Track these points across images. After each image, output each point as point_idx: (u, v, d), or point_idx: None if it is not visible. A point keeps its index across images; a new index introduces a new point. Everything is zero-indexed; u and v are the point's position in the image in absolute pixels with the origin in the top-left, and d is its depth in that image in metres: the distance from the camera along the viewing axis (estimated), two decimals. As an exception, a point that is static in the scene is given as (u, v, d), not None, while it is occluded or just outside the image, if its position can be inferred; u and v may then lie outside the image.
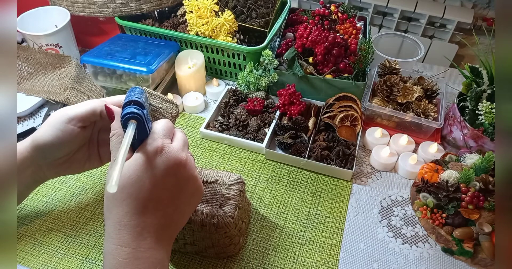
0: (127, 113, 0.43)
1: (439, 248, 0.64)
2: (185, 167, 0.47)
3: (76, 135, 0.55)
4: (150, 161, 0.44)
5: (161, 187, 0.45)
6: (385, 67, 0.85)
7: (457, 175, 0.65)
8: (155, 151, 0.44)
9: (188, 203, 0.49)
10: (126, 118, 0.43)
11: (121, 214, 0.43)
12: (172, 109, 0.56)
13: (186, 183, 0.47)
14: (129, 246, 0.43)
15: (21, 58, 0.89)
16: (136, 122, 0.43)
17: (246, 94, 0.88)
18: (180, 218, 0.48)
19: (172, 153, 0.45)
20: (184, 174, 0.47)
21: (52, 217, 0.67)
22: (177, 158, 0.45)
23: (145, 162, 0.44)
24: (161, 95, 0.57)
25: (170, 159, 0.45)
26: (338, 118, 0.79)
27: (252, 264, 0.62)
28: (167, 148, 0.45)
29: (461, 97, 0.78)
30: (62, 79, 0.89)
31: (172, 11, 1.00)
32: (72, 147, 0.57)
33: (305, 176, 0.75)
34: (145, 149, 0.44)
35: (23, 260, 0.62)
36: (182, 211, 0.48)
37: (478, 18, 1.55)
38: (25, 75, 0.89)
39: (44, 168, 0.57)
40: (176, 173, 0.46)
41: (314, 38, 0.79)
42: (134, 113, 0.43)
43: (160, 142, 0.45)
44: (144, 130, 0.45)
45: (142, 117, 0.43)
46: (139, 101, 0.44)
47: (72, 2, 0.91)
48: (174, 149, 0.46)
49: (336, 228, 0.67)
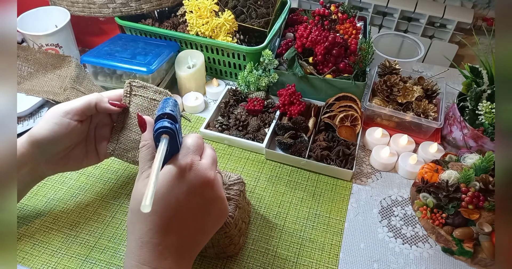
0: (160, 127, 0.42)
1: (439, 248, 0.64)
2: (212, 187, 0.46)
3: (73, 129, 0.56)
4: (178, 178, 0.43)
5: (187, 206, 0.44)
6: (385, 67, 0.85)
7: (457, 175, 0.65)
8: (184, 168, 0.44)
9: (212, 224, 0.48)
10: (159, 132, 0.42)
11: (145, 230, 0.42)
12: None
13: (212, 203, 0.46)
14: (150, 265, 0.42)
15: (21, 58, 0.89)
16: (169, 137, 0.43)
17: (246, 94, 0.88)
18: (202, 239, 0.47)
19: (201, 172, 0.45)
20: (211, 194, 0.46)
21: (52, 217, 0.67)
22: (205, 177, 0.45)
23: (173, 179, 0.43)
24: (155, 87, 0.59)
25: (198, 178, 0.44)
26: (338, 118, 0.78)
27: (252, 264, 0.62)
28: (196, 165, 0.45)
29: (461, 97, 0.78)
30: (62, 79, 0.89)
31: (172, 11, 1.00)
32: (69, 142, 0.57)
33: (305, 176, 0.75)
34: (175, 165, 0.44)
35: (23, 260, 0.62)
36: (205, 232, 0.47)
37: (478, 18, 1.55)
38: (25, 75, 0.89)
39: (42, 164, 0.57)
40: (203, 193, 0.45)
41: (314, 38, 0.79)
42: (168, 128, 0.42)
43: (189, 158, 0.45)
44: (175, 144, 0.44)
45: (175, 131, 0.43)
46: (172, 114, 0.44)
47: (72, 2, 0.91)
48: (203, 167, 0.45)
49: (336, 228, 0.67)
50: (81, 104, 0.55)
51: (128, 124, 0.60)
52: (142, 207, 0.36)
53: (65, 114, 0.55)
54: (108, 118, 0.62)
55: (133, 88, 0.60)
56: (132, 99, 0.60)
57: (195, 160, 0.45)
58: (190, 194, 0.44)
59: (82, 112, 0.56)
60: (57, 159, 0.58)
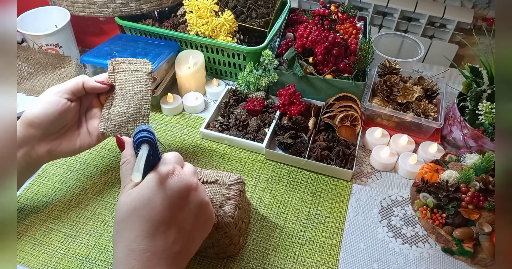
0: (140, 137, 0.44)
1: (439, 248, 0.64)
2: (196, 191, 0.46)
3: (63, 107, 0.59)
4: (162, 182, 0.44)
5: (173, 209, 0.44)
6: (385, 67, 0.85)
7: (457, 175, 0.65)
8: (167, 173, 0.45)
9: (200, 229, 0.48)
10: (140, 141, 0.44)
11: (131, 237, 0.42)
12: (146, 68, 0.65)
13: (198, 208, 0.47)
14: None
15: (21, 58, 0.89)
16: (149, 145, 0.44)
17: (246, 94, 0.88)
18: (191, 245, 0.47)
19: (184, 176, 0.46)
20: (195, 198, 0.46)
21: (52, 217, 0.67)
22: (188, 181, 0.46)
23: (157, 184, 0.44)
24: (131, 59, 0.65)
25: (182, 182, 0.45)
26: (338, 118, 0.79)
27: (252, 264, 0.62)
28: (178, 171, 0.46)
29: (461, 97, 0.78)
30: (62, 79, 0.89)
31: (172, 11, 1.00)
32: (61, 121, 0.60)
33: (305, 176, 0.75)
34: (157, 171, 0.45)
35: (23, 260, 0.62)
36: (193, 238, 0.47)
37: (478, 18, 1.55)
38: (25, 75, 0.89)
39: (36, 147, 0.59)
40: (188, 197, 0.45)
41: (314, 38, 0.79)
42: (147, 137, 0.44)
43: (171, 165, 0.46)
44: (156, 155, 0.46)
45: (154, 141, 0.45)
46: (149, 130, 0.46)
47: (72, 2, 0.91)
48: (185, 173, 0.46)
49: (336, 228, 0.67)
50: (70, 84, 0.60)
51: (116, 100, 0.64)
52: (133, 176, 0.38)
53: (55, 93, 0.59)
54: (97, 101, 0.66)
55: (116, 66, 0.65)
56: (116, 76, 0.64)
57: (177, 167, 0.47)
58: (175, 198, 0.44)
59: (71, 91, 0.60)
60: (51, 139, 0.60)
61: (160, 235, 0.43)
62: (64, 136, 0.62)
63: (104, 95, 0.66)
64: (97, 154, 0.78)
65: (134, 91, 0.64)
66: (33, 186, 0.72)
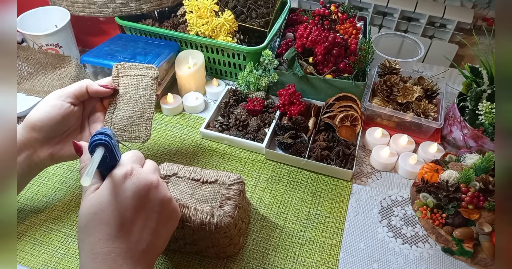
0: (94, 140, 0.43)
1: (439, 248, 0.64)
2: (157, 188, 0.46)
3: (66, 111, 0.58)
4: (119, 184, 0.43)
5: (133, 210, 0.44)
6: (385, 67, 0.85)
7: (457, 175, 0.65)
8: (125, 174, 0.44)
9: (164, 225, 0.47)
10: (94, 145, 0.43)
11: (94, 241, 0.42)
12: (152, 73, 0.65)
13: (160, 205, 0.46)
14: None
15: (21, 58, 0.89)
16: (104, 148, 0.43)
17: (246, 94, 0.88)
18: (157, 242, 0.47)
19: (142, 175, 0.45)
20: (156, 195, 0.46)
21: (52, 217, 0.67)
22: (147, 180, 0.45)
23: (115, 186, 0.43)
24: (137, 64, 0.65)
25: (141, 181, 0.44)
26: (338, 118, 0.78)
27: (252, 264, 0.62)
28: (136, 171, 0.45)
29: (461, 97, 0.78)
30: (62, 79, 0.89)
31: (172, 11, 1.00)
32: (64, 126, 0.59)
33: (305, 176, 0.75)
34: (114, 173, 0.44)
35: (23, 260, 0.62)
36: (158, 234, 0.47)
37: (478, 18, 1.55)
38: (25, 75, 0.89)
39: (38, 150, 0.59)
40: (148, 195, 0.45)
41: (314, 38, 0.79)
42: (102, 140, 0.43)
43: (129, 166, 0.45)
44: (113, 158, 0.45)
45: (110, 143, 0.44)
46: (105, 132, 0.45)
47: (72, 2, 0.91)
48: (144, 172, 0.46)
49: (336, 228, 0.67)
50: (74, 88, 0.60)
51: (120, 104, 0.64)
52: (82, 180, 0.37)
53: (58, 97, 0.59)
54: (101, 105, 0.65)
55: (120, 71, 0.65)
56: (121, 80, 0.64)
57: (135, 167, 0.46)
58: (135, 198, 0.44)
59: (74, 95, 0.59)
60: (53, 143, 0.60)
61: (123, 236, 0.43)
62: (67, 140, 0.61)
63: (107, 99, 0.65)
64: (97, 154, 0.78)
65: (139, 95, 0.64)
66: (33, 186, 0.72)
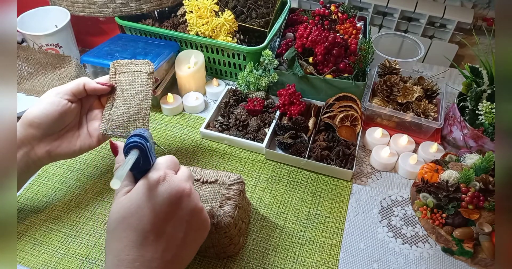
0: (130, 142, 0.43)
1: (439, 248, 0.64)
2: (189, 196, 0.45)
3: (64, 108, 0.59)
4: (151, 189, 0.42)
5: (163, 217, 0.42)
6: (385, 67, 0.85)
7: (457, 175, 0.65)
8: (157, 180, 0.43)
9: (193, 237, 0.46)
10: (129, 147, 0.43)
11: (120, 247, 0.41)
12: (147, 69, 0.65)
13: (191, 215, 0.45)
14: None
15: (21, 58, 0.89)
16: (138, 150, 0.43)
17: (246, 94, 0.88)
18: (184, 254, 0.46)
19: (175, 182, 0.44)
20: (188, 204, 0.44)
21: (52, 217, 0.67)
22: (180, 187, 0.44)
23: (147, 191, 0.42)
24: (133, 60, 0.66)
25: (173, 188, 0.43)
26: (338, 118, 0.78)
27: (252, 264, 0.62)
28: (169, 177, 0.44)
29: (461, 97, 0.78)
30: (62, 79, 0.89)
31: (172, 11, 1.00)
32: (61, 122, 0.60)
33: (305, 176, 0.75)
34: (147, 178, 0.43)
35: (23, 260, 0.62)
36: (186, 246, 0.45)
37: (478, 18, 1.55)
38: (25, 75, 0.89)
39: (35, 147, 0.59)
40: (179, 203, 0.44)
41: (314, 38, 0.79)
42: (137, 142, 0.42)
43: (162, 171, 0.44)
44: (147, 161, 0.44)
45: (145, 146, 0.43)
46: (142, 134, 0.44)
47: (72, 2, 0.91)
48: (177, 179, 0.44)
49: (336, 228, 0.67)
50: (71, 85, 0.60)
51: (117, 100, 0.64)
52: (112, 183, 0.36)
53: (56, 94, 0.59)
54: (98, 102, 0.66)
55: (117, 68, 0.65)
56: (118, 78, 0.65)
57: (168, 173, 0.44)
58: (166, 204, 0.42)
59: (72, 92, 0.60)
60: (50, 140, 0.60)
61: (150, 244, 0.42)
62: (64, 137, 0.61)
63: (105, 97, 0.66)
64: (97, 154, 0.78)
65: (135, 91, 0.65)
66: (33, 186, 0.72)
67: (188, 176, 0.47)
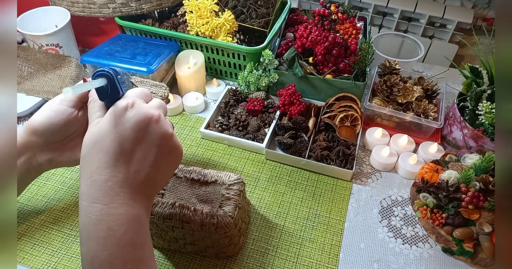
0: (98, 71, 0.44)
1: (439, 248, 0.64)
2: (158, 122, 0.46)
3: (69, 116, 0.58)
4: (120, 115, 0.44)
5: (132, 140, 0.44)
6: (385, 67, 0.85)
7: (457, 175, 0.65)
8: (126, 106, 0.44)
9: (165, 160, 0.47)
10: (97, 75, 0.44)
11: (93, 169, 0.43)
12: (162, 92, 0.64)
13: (160, 138, 0.46)
14: (101, 201, 0.42)
15: (21, 58, 0.89)
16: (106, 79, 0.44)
17: (246, 94, 0.88)
18: (157, 175, 0.47)
19: (144, 109, 0.45)
20: (157, 129, 0.46)
21: (52, 217, 0.67)
22: (148, 113, 0.45)
23: (116, 117, 0.44)
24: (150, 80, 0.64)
25: (141, 113, 0.45)
26: (338, 118, 0.79)
27: (252, 264, 0.62)
28: (138, 104, 0.45)
29: (461, 97, 0.78)
30: (62, 79, 0.89)
31: (172, 11, 1.00)
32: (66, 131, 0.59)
33: (305, 176, 0.75)
34: (116, 105, 0.45)
35: (23, 260, 0.62)
36: (159, 170, 0.47)
37: (478, 18, 1.55)
38: (25, 75, 0.89)
39: (38, 154, 0.58)
40: (147, 128, 0.45)
41: (314, 38, 0.79)
42: (105, 71, 0.44)
43: (131, 99, 0.45)
44: (116, 90, 0.45)
45: (113, 76, 0.44)
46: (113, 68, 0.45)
47: (72, 2, 0.91)
48: (146, 106, 0.46)
49: (336, 228, 0.67)
50: None
51: None
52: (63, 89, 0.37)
53: (61, 102, 0.58)
54: None
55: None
56: None
57: (137, 101, 0.46)
58: (135, 129, 0.44)
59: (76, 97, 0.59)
60: (53, 149, 0.59)
61: (121, 165, 0.43)
62: (67, 146, 0.60)
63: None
64: (97, 154, 0.78)
65: None
66: (33, 186, 0.72)
67: (159, 105, 0.48)
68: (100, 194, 0.42)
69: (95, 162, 0.43)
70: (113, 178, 0.43)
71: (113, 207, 0.42)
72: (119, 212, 0.42)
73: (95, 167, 0.43)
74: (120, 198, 0.43)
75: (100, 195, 0.42)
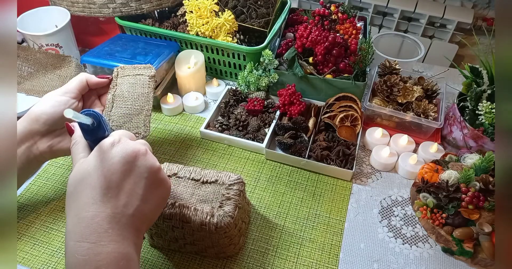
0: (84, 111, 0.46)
1: (439, 248, 0.64)
2: (145, 156, 0.46)
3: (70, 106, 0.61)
4: (106, 151, 0.44)
5: (120, 174, 0.44)
6: (385, 67, 0.85)
7: (457, 175, 0.65)
8: (112, 142, 0.45)
9: (154, 193, 0.47)
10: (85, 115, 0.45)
11: (79, 206, 0.42)
12: (149, 72, 0.68)
13: (148, 172, 0.46)
14: (88, 240, 0.40)
15: (21, 58, 0.89)
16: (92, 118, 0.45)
17: (246, 94, 0.88)
18: (146, 208, 0.46)
19: (130, 143, 0.46)
20: (144, 162, 0.46)
21: (52, 217, 0.67)
22: (135, 147, 0.45)
23: (102, 152, 0.44)
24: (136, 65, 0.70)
25: (128, 148, 0.45)
26: (338, 118, 0.79)
27: (252, 264, 0.62)
28: (124, 140, 0.46)
29: (461, 97, 0.78)
30: (62, 79, 0.89)
31: (172, 11, 1.00)
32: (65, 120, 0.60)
33: (305, 176, 0.75)
34: (103, 142, 0.45)
35: (23, 260, 0.62)
36: (148, 201, 0.46)
37: (478, 18, 1.55)
38: (25, 75, 0.89)
39: (38, 141, 0.60)
40: (135, 161, 0.45)
41: (314, 38, 0.79)
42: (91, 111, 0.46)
43: (117, 136, 0.46)
44: (102, 130, 0.47)
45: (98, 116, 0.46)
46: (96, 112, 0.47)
47: (72, 2, 0.91)
48: (132, 142, 0.46)
49: (336, 228, 0.67)
50: (75, 83, 0.63)
51: (118, 102, 0.67)
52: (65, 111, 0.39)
53: (63, 93, 0.61)
54: (99, 102, 0.68)
55: (120, 72, 0.69)
56: (119, 80, 0.68)
57: (123, 137, 0.47)
58: (122, 163, 0.44)
59: (77, 89, 0.62)
60: (53, 136, 0.61)
61: (108, 200, 0.43)
62: (66, 134, 0.63)
63: (105, 97, 0.68)
64: (97, 154, 0.78)
65: (137, 93, 0.67)
66: (33, 186, 0.72)
67: (144, 142, 0.49)
68: (87, 232, 0.41)
69: (82, 198, 0.42)
70: (101, 213, 0.42)
71: (100, 246, 0.40)
72: (107, 250, 0.40)
73: (82, 203, 0.42)
74: (108, 235, 0.41)
75: (87, 232, 0.40)
